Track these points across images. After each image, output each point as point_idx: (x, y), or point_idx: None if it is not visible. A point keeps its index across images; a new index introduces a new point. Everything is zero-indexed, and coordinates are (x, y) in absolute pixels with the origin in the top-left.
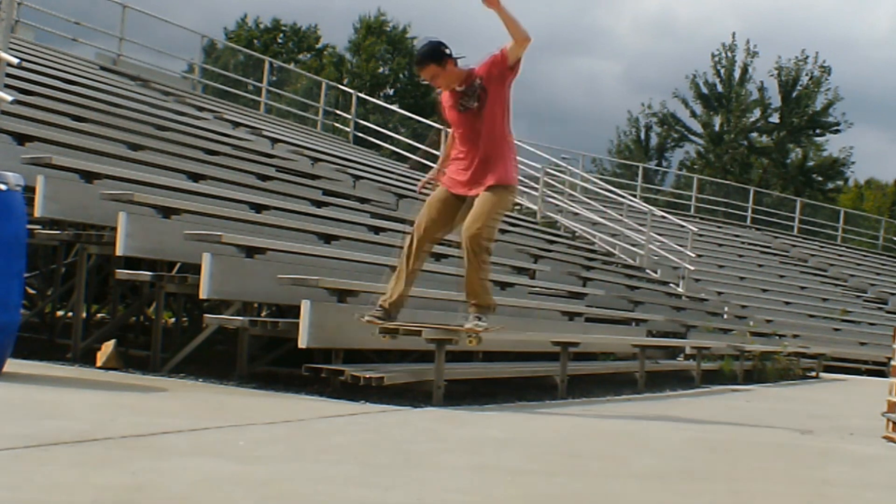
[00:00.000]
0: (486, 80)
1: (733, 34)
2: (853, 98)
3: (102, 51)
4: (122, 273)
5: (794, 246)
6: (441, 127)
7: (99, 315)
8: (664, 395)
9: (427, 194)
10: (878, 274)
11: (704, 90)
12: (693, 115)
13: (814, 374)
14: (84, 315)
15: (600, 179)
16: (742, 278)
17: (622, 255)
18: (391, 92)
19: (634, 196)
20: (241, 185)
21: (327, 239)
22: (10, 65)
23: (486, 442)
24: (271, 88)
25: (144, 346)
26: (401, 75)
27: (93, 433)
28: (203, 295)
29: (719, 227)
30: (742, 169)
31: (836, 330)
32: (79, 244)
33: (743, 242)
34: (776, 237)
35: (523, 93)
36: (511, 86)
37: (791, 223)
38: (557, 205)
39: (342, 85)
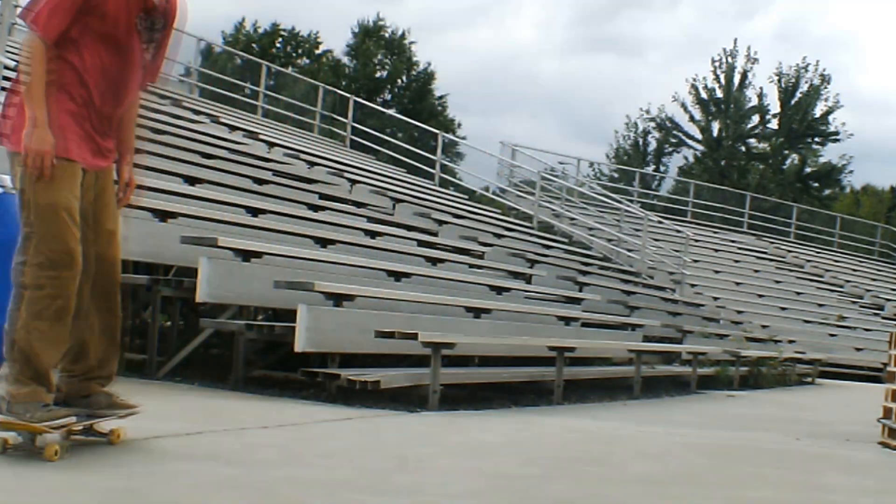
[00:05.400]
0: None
1: (735, 40)
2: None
3: None
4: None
5: (790, 251)
6: None
7: None
8: (660, 400)
9: None
10: (874, 279)
11: (703, 95)
12: (692, 119)
13: (809, 379)
14: None
15: (597, 184)
16: (738, 284)
17: (619, 260)
18: (388, 97)
19: (632, 201)
20: (238, 189)
21: (324, 243)
22: (6, 67)
23: (482, 447)
24: (268, 92)
25: (140, 349)
26: (399, 80)
27: (88, 437)
28: (199, 299)
29: (716, 232)
30: (740, 174)
31: (832, 335)
32: None
33: (739, 248)
34: (772, 243)
35: None
36: None
37: (788, 229)
38: (554, 209)
39: (339, 89)
